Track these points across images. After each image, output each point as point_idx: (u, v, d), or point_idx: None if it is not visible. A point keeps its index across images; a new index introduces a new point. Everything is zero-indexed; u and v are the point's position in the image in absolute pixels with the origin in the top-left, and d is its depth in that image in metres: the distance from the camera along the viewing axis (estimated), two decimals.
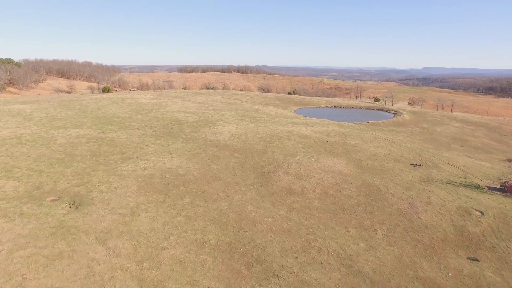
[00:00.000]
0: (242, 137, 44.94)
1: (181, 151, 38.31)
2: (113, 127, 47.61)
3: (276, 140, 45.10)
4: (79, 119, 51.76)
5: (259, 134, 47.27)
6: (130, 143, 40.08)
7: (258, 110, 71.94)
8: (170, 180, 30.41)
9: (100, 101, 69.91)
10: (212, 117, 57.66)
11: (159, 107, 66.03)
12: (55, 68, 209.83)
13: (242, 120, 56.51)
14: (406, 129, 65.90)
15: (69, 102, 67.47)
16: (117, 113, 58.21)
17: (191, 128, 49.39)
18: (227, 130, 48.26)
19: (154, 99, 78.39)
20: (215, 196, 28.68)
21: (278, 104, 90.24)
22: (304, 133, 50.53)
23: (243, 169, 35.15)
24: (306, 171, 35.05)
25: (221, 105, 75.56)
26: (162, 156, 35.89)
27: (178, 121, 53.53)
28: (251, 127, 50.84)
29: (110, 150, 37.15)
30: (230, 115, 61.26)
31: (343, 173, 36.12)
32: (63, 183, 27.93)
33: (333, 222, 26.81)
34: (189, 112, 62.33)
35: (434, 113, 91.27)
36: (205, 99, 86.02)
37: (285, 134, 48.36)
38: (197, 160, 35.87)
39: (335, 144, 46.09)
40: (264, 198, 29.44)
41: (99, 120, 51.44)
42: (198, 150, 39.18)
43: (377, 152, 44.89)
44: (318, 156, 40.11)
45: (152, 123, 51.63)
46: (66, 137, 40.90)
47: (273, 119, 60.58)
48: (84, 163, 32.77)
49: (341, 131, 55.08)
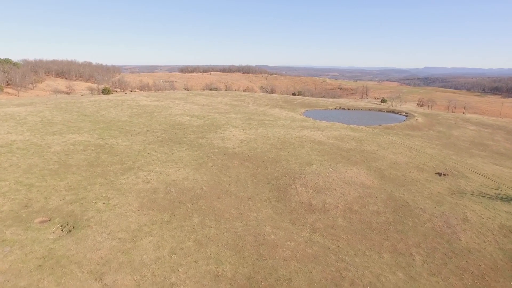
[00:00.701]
0: (252, 144, 41.62)
1: (186, 160, 34.99)
2: (113, 132, 44.32)
3: (288, 146, 41.79)
4: (76, 123, 48.47)
5: (269, 140, 43.96)
6: (130, 150, 36.78)
7: (264, 113, 68.62)
8: (176, 195, 27.09)
9: (99, 103, 66.63)
10: (218, 121, 54.35)
11: (161, 110, 62.74)
12: (55, 69, 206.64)
13: (249, 124, 53.19)
14: (422, 133, 62.56)
15: (67, 105, 64.19)
16: (116, 116, 54.92)
17: (196, 133, 46.09)
18: (235, 135, 44.94)
19: (156, 101, 75.11)
20: (228, 214, 25.36)
21: (285, 106, 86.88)
22: (317, 138, 47.21)
23: (256, 181, 31.83)
24: (325, 183, 31.73)
25: (226, 107, 72.25)
26: (166, 166, 32.58)
27: (182, 126, 50.22)
28: (261, 132, 47.52)
29: (109, 159, 33.85)
30: (236, 119, 57.95)
31: (365, 185, 32.80)
32: (55, 200, 24.62)
33: (363, 246, 23.48)
34: (193, 115, 59.02)
35: (446, 115, 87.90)
36: (208, 100, 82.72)
37: (297, 140, 45.05)
38: (204, 171, 32.55)
39: (351, 151, 42.78)
40: (282, 216, 26.12)
41: (98, 125, 48.15)
42: (205, 158, 35.86)
43: (397, 159, 41.58)
44: (336, 165, 36.80)
45: (154, 127, 48.33)
46: (62, 144, 37.61)
47: (282, 123, 57.27)
48: (80, 175, 29.47)
49: (355, 135, 51.78)
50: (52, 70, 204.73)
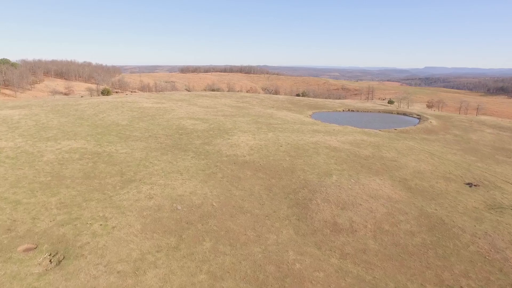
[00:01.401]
0: (263, 151, 38.27)
1: (193, 170, 31.65)
2: (112, 138, 40.99)
3: (303, 154, 38.45)
4: (73, 127, 45.14)
5: (281, 146, 40.61)
6: (131, 159, 33.45)
7: (272, 115, 65.28)
8: (183, 214, 23.75)
9: (98, 105, 63.30)
10: (224, 125, 51.00)
11: (164, 113, 59.40)
12: (54, 69, 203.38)
13: (258, 128, 49.85)
14: (439, 137, 59.20)
15: (64, 107, 60.87)
16: (116, 120, 51.59)
17: (202, 138, 42.74)
18: (243, 141, 41.59)
19: (158, 103, 71.77)
20: (243, 237, 22.03)
21: (292, 108, 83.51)
22: (331, 144, 43.87)
23: (272, 194, 28.49)
24: (349, 198, 28.39)
25: (231, 110, 68.90)
26: (171, 178, 29.24)
27: (186, 130, 46.88)
28: (271, 138, 44.18)
29: (108, 169, 30.51)
30: (243, 122, 54.61)
31: (392, 198, 29.46)
32: (44, 221, 21.29)
33: (402, 275, 20.15)
34: (197, 118, 55.68)
35: (459, 117, 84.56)
36: (212, 102, 79.38)
37: (311, 146, 41.70)
38: (214, 183, 29.20)
39: (370, 159, 39.44)
40: (306, 239, 22.79)
41: (96, 129, 44.82)
42: (213, 168, 32.52)
43: (420, 168, 38.25)
44: (357, 175, 33.46)
45: (156, 132, 45.00)
46: (56, 152, 34.27)
47: (292, 127, 53.92)
48: (75, 189, 26.14)
49: (371, 141, 48.43)
50: (51, 70, 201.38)
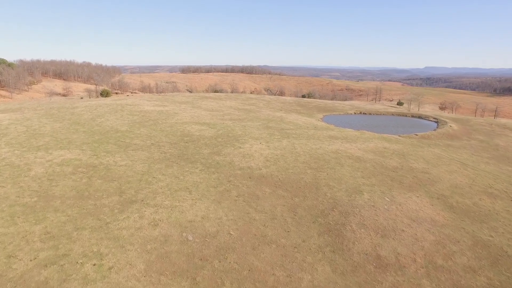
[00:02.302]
0: (281, 162, 34.03)
1: (203, 187, 27.41)
2: (110, 146, 36.76)
3: (324, 165, 34.20)
4: (68, 134, 40.92)
5: (299, 156, 36.38)
6: (132, 173, 29.21)
7: (282, 119, 61.06)
8: (196, 247, 19.51)
9: (96, 108, 59.09)
10: (233, 131, 46.76)
11: (166, 117, 55.19)
12: (52, 69, 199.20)
13: (270, 135, 45.61)
14: (463, 143, 54.95)
15: (59, 111, 56.65)
16: (115, 125, 47.37)
17: (210, 147, 38.50)
18: (257, 150, 37.36)
19: (160, 105, 67.57)
20: (272, 278, 17.78)
21: (301, 111, 79.27)
22: (353, 153, 39.65)
23: (298, 218, 24.24)
24: (388, 222, 24.14)
25: (238, 113, 64.68)
26: (179, 198, 25.01)
27: (191, 137, 42.64)
28: (286, 146, 39.95)
29: (104, 186, 26.28)
30: (253, 128, 50.38)
31: (437, 221, 25.21)
32: (22, 260, 17.07)
33: None
34: (203, 123, 51.45)
35: (477, 120, 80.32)
36: (217, 105, 75.15)
37: (332, 156, 37.48)
38: (228, 204, 24.97)
39: (399, 170, 35.21)
40: (347, 279, 18.54)
41: (93, 136, 40.60)
42: (226, 184, 28.27)
43: (456, 181, 34.02)
44: (390, 192, 29.23)
45: (159, 139, 40.76)
46: (46, 164, 30.05)
47: (306, 132, 49.68)
48: (64, 213, 21.92)
49: (395, 148, 44.23)
50: (50, 70, 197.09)
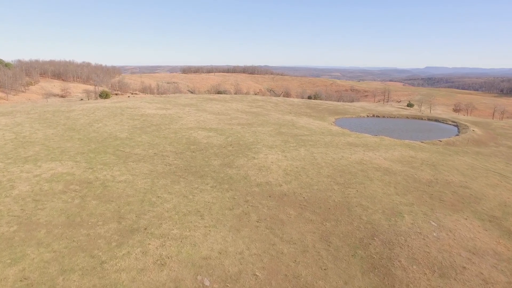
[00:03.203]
0: (302, 177, 29.83)
1: (217, 209, 23.22)
2: (108, 157, 32.60)
3: (351, 180, 30.01)
4: (61, 142, 36.78)
5: (322, 169, 32.18)
6: (132, 192, 25.04)
7: (294, 124, 56.87)
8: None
9: (93, 112, 54.93)
10: (244, 137, 42.59)
11: (170, 121, 51.03)
12: (51, 69, 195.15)
13: (285, 142, 41.43)
14: (492, 150, 50.73)
15: (54, 115, 52.50)
16: (114, 131, 43.21)
17: (221, 157, 34.32)
18: (273, 161, 33.18)
19: (162, 108, 63.41)
20: None
21: (311, 114, 75.05)
22: (379, 163, 35.48)
23: (333, 250, 20.03)
24: (442, 255, 19.94)
25: (246, 117, 60.50)
26: (189, 225, 20.83)
27: (199, 145, 38.47)
28: (305, 156, 35.77)
29: (100, 209, 22.10)
30: (265, 134, 46.20)
31: (501, 254, 21.00)
32: None
33: None
34: (210, 128, 47.27)
35: (498, 124, 76.13)
36: (223, 107, 70.95)
37: (358, 168, 33.30)
38: (249, 233, 20.77)
39: (435, 184, 31.03)
40: None
41: (89, 145, 36.45)
42: (243, 205, 24.09)
43: (503, 198, 29.85)
44: (433, 212, 25.06)
45: (163, 148, 36.59)
46: (33, 180, 25.89)
47: (323, 139, 45.50)
48: (49, 248, 17.76)
49: (422, 157, 40.10)
50: (48, 71, 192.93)
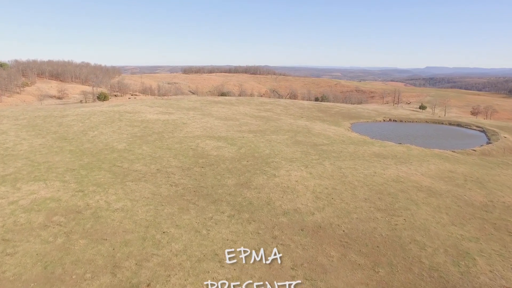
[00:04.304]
0: (336, 201, 24.83)
1: (239, 250, 18.18)
2: (102, 175, 27.60)
3: (394, 204, 25.01)
4: (49, 156, 31.82)
5: (356, 189, 27.20)
6: (131, 225, 20.05)
7: (309, 130, 51.89)
8: None
9: (89, 117, 49.97)
10: (258, 148, 37.62)
11: (173, 128, 46.07)
12: (49, 70, 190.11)
13: (305, 154, 36.46)
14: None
15: (45, 120, 47.55)
16: (111, 141, 38.25)
17: (235, 174, 29.30)
18: (298, 180, 28.19)
19: (164, 112, 58.45)
20: None
21: (324, 118, 70.03)
22: (418, 180, 30.52)
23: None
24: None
25: (256, 122, 55.54)
26: (205, 277, 15.84)
27: (208, 159, 33.47)
28: (333, 172, 30.78)
29: (89, 253, 17.10)
30: (281, 143, 41.24)
31: None
32: None
33: None
34: (219, 137, 42.30)
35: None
36: (230, 111, 65.94)
37: (397, 188, 28.31)
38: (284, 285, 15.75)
39: (492, 209, 26.09)
40: None
41: (81, 159, 31.47)
42: (271, 244, 19.07)
43: None
44: (508, 251, 20.05)
45: (167, 163, 31.60)
46: (7, 210, 20.91)
47: (346, 149, 40.53)
48: None
49: (462, 172, 35.20)
50: (46, 71, 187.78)
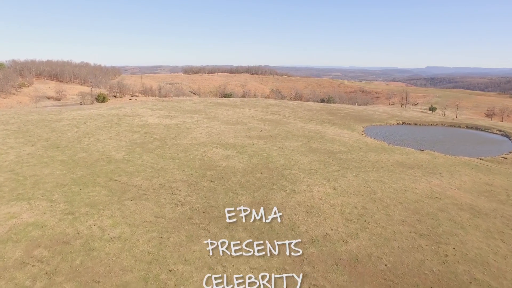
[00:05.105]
0: (370, 224, 21.14)
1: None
2: (97, 191, 23.91)
3: (438, 229, 21.34)
4: (37, 168, 28.15)
5: (389, 208, 23.53)
6: (130, 261, 16.36)
7: (323, 135, 48.21)
8: None
9: (85, 122, 46.32)
10: (272, 157, 33.95)
11: (177, 134, 42.40)
12: (47, 70, 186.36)
13: (324, 164, 32.79)
14: None
15: (37, 125, 43.90)
16: (108, 150, 34.58)
17: (249, 190, 25.58)
18: (322, 198, 24.50)
19: (166, 116, 54.78)
20: None
21: (335, 121, 66.29)
22: (457, 197, 26.84)
23: None
24: None
25: (265, 127, 51.84)
26: None
27: (216, 170, 29.77)
28: (359, 187, 27.10)
29: None
30: (295, 151, 37.57)
31: None
32: None
33: None
34: (227, 144, 38.62)
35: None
36: (235, 114, 62.23)
37: (434, 206, 24.63)
38: None
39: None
40: None
41: (73, 171, 27.78)
42: (302, 282, 15.38)
43: None
44: None
45: (170, 176, 27.90)
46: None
47: (366, 158, 36.86)
48: None
49: (501, 185, 31.60)
50: (44, 71, 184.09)
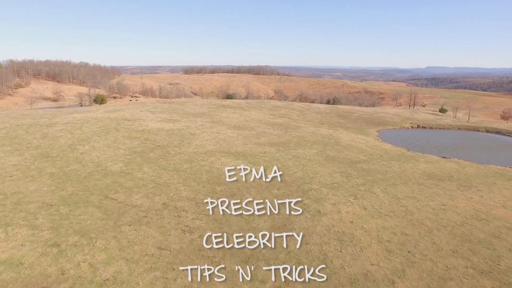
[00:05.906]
0: (416, 256, 17.56)
1: None
2: (89, 214, 20.30)
3: (498, 261, 17.80)
4: (22, 183, 24.58)
5: (432, 233, 19.96)
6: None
7: (337, 141, 44.61)
8: None
9: (80, 127, 42.76)
10: (287, 168, 30.38)
11: (180, 141, 38.82)
12: (45, 70, 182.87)
13: (347, 177, 29.21)
14: None
15: (28, 131, 40.35)
16: (104, 159, 30.98)
17: (267, 211, 21.94)
18: (353, 221, 20.95)
19: (168, 119, 51.19)
20: None
21: (347, 125, 62.70)
22: (508, 218, 23.25)
23: None
24: None
25: (275, 132, 48.24)
26: None
27: (226, 184, 26.20)
28: (391, 205, 23.51)
29: None
30: (311, 160, 33.99)
31: None
32: None
33: None
34: (236, 153, 35.04)
35: None
36: (241, 117, 58.60)
37: (484, 230, 21.08)
38: None
39: None
40: None
41: (64, 187, 24.18)
42: None
43: None
44: None
45: (175, 193, 24.32)
46: None
47: (390, 168, 33.28)
48: None
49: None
50: (43, 71, 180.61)
